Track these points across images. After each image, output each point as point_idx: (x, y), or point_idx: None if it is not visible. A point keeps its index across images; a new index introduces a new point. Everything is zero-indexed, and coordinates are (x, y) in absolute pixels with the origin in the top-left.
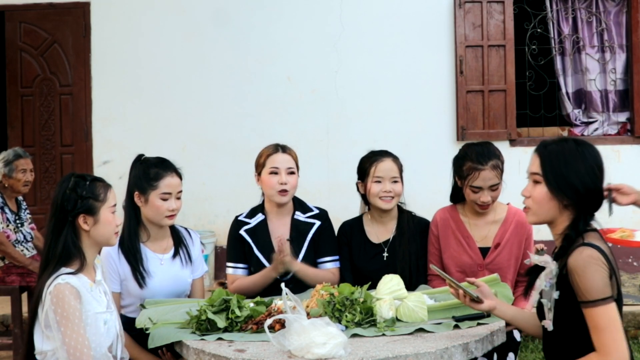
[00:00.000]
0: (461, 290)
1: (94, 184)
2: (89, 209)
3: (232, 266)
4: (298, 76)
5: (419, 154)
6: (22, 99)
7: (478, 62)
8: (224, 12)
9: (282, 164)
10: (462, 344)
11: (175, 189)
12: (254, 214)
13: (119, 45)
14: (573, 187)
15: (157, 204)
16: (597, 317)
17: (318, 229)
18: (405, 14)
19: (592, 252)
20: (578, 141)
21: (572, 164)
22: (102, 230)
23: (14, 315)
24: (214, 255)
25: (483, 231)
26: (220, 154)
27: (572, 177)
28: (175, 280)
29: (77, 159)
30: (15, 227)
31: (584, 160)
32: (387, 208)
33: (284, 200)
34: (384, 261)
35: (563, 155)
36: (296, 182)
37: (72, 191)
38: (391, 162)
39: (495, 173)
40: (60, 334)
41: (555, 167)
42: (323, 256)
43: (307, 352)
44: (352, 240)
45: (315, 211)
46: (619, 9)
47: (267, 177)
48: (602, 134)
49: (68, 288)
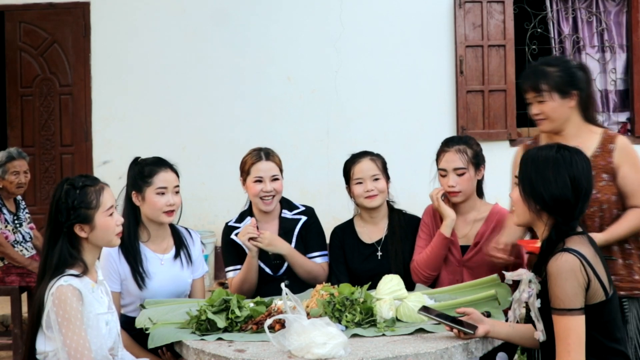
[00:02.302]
0: (455, 330)
1: (85, 191)
2: (83, 218)
3: (232, 269)
4: (298, 76)
5: (419, 154)
6: (22, 99)
7: (478, 62)
8: (223, 12)
9: (266, 172)
10: (462, 344)
11: (170, 183)
12: (242, 218)
13: (119, 45)
14: (539, 194)
15: (154, 199)
16: (558, 325)
17: (304, 224)
18: (405, 14)
19: (569, 258)
20: (563, 149)
21: (542, 171)
22: (100, 235)
23: (13, 316)
24: (213, 255)
25: (465, 229)
26: (220, 154)
27: (538, 184)
28: (175, 280)
29: (77, 159)
30: (13, 228)
31: (557, 170)
32: (373, 206)
33: (269, 208)
34: (378, 260)
35: (537, 161)
36: (281, 187)
37: (64, 201)
38: (368, 162)
39: (460, 157)
40: (62, 335)
41: (526, 173)
42: (311, 251)
43: (307, 352)
44: (345, 243)
45: (301, 208)
46: (619, 9)
47: (252, 185)
48: None
49: (70, 290)
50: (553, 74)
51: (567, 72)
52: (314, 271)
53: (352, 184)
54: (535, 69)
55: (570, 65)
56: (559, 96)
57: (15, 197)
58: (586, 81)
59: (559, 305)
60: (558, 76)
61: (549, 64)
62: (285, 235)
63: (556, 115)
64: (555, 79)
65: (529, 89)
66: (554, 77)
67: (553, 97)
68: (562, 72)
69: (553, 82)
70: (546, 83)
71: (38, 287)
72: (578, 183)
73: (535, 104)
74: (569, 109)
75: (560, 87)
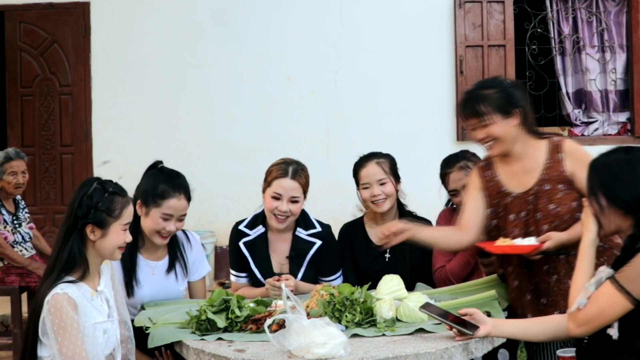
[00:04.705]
0: (455, 329)
1: (113, 197)
2: (99, 221)
3: (235, 274)
4: (298, 76)
5: (419, 154)
6: (22, 99)
7: (478, 62)
8: (223, 12)
9: (287, 191)
10: (462, 344)
11: (178, 212)
12: (254, 224)
13: (119, 45)
14: (622, 199)
15: (156, 221)
16: (605, 290)
17: (319, 249)
18: (405, 14)
19: None
20: (631, 150)
21: (619, 176)
22: (107, 245)
23: (13, 316)
24: (214, 255)
25: None
26: (220, 154)
27: (618, 189)
28: (165, 290)
29: (77, 159)
30: (13, 228)
31: (633, 170)
32: (380, 211)
33: (279, 227)
34: (386, 262)
35: (610, 167)
36: (299, 209)
37: (89, 198)
38: (374, 166)
39: (465, 172)
40: (57, 344)
41: (602, 181)
42: (326, 275)
43: (307, 352)
44: (354, 242)
45: (318, 228)
46: (619, 9)
47: (269, 200)
48: (602, 134)
49: (66, 298)
50: (492, 95)
51: (504, 92)
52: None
53: (359, 188)
54: (472, 94)
55: (506, 84)
56: (502, 117)
57: (14, 197)
58: (524, 98)
59: (621, 280)
60: (497, 97)
61: (485, 87)
62: (297, 257)
63: (502, 136)
64: (495, 100)
65: (470, 115)
66: (493, 98)
67: (495, 118)
68: (500, 92)
69: (494, 104)
70: (486, 106)
71: (44, 283)
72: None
73: (480, 129)
74: (513, 128)
75: (501, 108)
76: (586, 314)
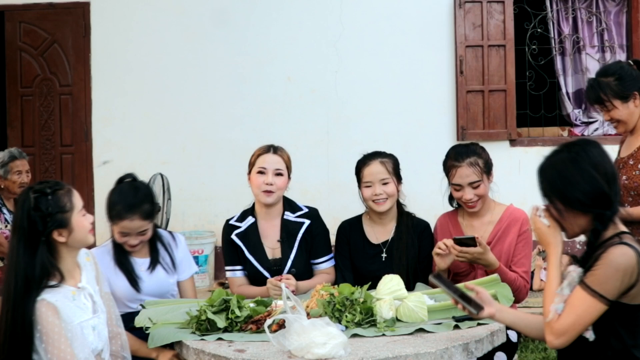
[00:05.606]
0: (460, 305)
1: (56, 195)
2: (61, 222)
3: (230, 269)
4: (298, 76)
5: (419, 154)
6: (22, 99)
7: (478, 62)
8: (223, 12)
9: (271, 164)
10: (462, 344)
11: (134, 230)
12: (244, 217)
13: (119, 45)
14: (575, 198)
15: (118, 236)
16: (578, 295)
17: (308, 228)
18: (405, 14)
19: (629, 252)
20: (571, 145)
21: (566, 175)
22: (78, 237)
23: None
24: (213, 255)
25: (479, 232)
26: (220, 154)
27: (569, 189)
28: (159, 283)
29: (77, 159)
30: None
31: (578, 166)
32: (381, 210)
33: (268, 201)
34: (383, 262)
35: (556, 168)
36: (284, 184)
37: (37, 210)
38: (378, 165)
39: (474, 170)
40: (42, 350)
41: (552, 185)
42: (317, 257)
43: (307, 352)
44: (352, 240)
45: (304, 210)
46: (619, 9)
47: (255, 177)
48: (602, 134)
49: (45, 304)
50: (610, 83)
51: (621, 78)
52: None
53: (361, 186)
54: (593, 83)
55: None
56: (621, 102)
57: (15, 197)
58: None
59: (592, 284)
60: (615, 84)
61: (605, 74)
62: (287, 239)
63: (624, 118)
64: (613, 87)
65: (593, 102)
66: (610, 86)
67: (615, 104)
68: (617, 79)
69: (612, 91)
70: (605, 94)
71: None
72: (602, 169)
73: (604, 113)
74: (635, 109)
75: (619, 94)
76: (562, 324)
